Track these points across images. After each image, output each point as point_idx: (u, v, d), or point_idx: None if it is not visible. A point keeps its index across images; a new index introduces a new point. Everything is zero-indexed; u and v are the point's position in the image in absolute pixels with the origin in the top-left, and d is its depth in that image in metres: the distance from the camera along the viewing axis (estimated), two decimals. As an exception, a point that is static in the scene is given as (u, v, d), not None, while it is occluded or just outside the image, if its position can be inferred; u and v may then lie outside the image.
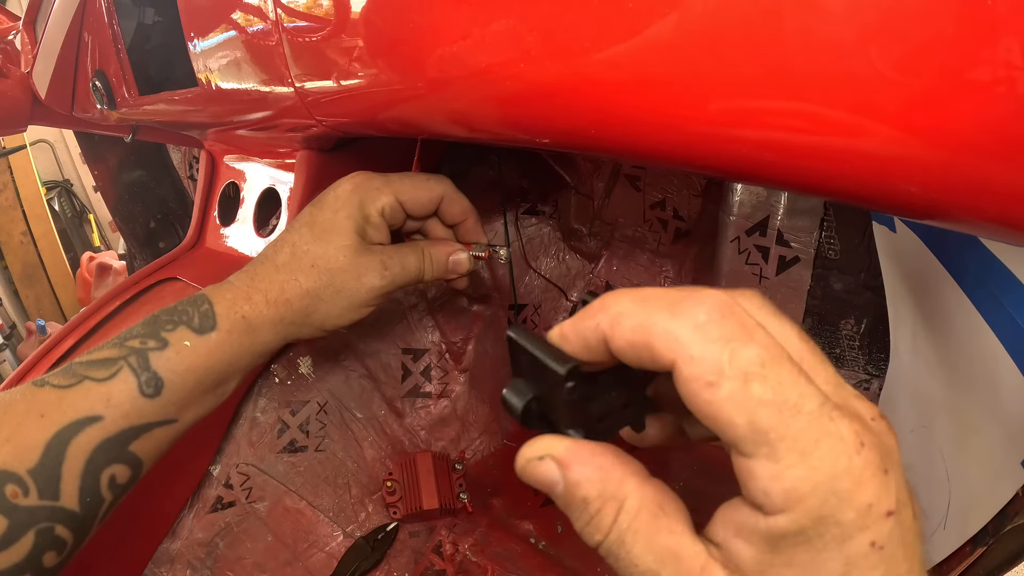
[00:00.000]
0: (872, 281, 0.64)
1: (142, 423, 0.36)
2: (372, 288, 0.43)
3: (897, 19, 0.19)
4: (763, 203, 0.68)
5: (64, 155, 3.21)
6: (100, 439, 0.34)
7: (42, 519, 0.32)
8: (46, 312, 2.88)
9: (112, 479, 0.35)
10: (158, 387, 0.36)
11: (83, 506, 0.34)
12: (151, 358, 0.37)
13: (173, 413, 0.38)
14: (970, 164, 0.20)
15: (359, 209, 0.43)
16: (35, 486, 0.32)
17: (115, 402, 0.35)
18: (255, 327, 0.40)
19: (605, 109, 0.28)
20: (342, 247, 0.42)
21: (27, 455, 0.32)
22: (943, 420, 0.50)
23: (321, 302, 0.41)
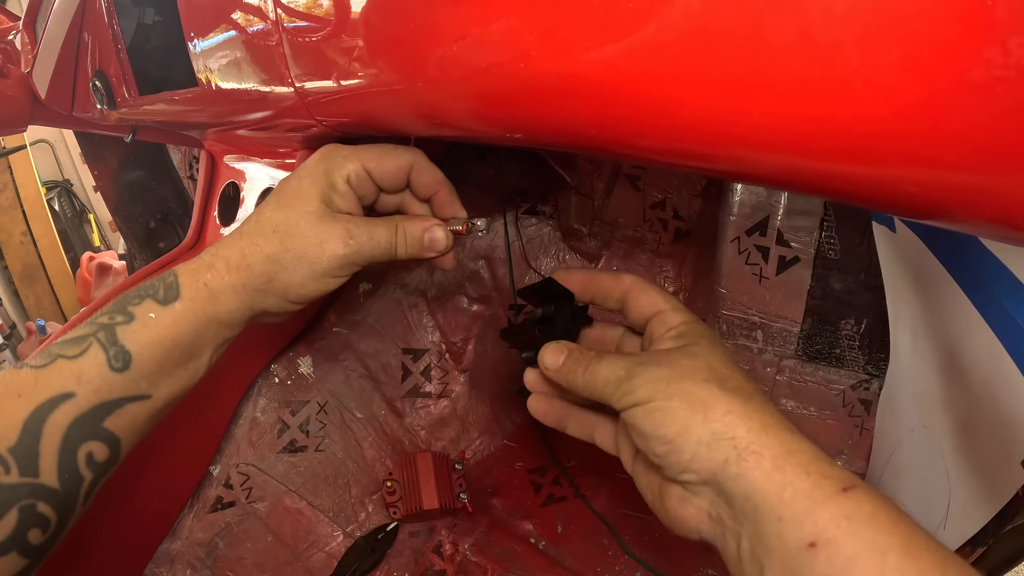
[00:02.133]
0: (872, 281, 0.64)
1: (113, 398, 0.36)
2: (334, 256, 0.41)
3: (897, 19, 0.19)
4: (763, 203, 0.68)
5: (64, 155, 3.21)
6: (74, 415, 0.35)
7: (24, 496, 0.33)
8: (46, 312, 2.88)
9: (89, 456, 0.35)
10: (126, 361, 0.36)
11: (63, 483, 0.34)
12: (118, 332, 0.37)
13: (145, 388, 0.37)
14: (970, 164, 0.20)
15: (324, 176, 0.43)
16: (15, 464, 0.33)
17: (86, 378, 0.35)
18: (217, 294, 0.40)
19: (605, 109, 0.28)
20: (304, 212, 0.41)
21: (6, 434, 0.33)
22: (943, 420, 0.50)
23: (282, 268, 0.40)
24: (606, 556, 0.68)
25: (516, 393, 0.47)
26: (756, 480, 0.29)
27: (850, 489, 0.27)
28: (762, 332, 0.74)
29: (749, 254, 0.70)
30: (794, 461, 0.28)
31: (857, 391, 0.69)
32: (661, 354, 0.36)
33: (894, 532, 0.25)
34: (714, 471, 0.30)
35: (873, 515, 0.26)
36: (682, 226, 0.82)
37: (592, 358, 0.38)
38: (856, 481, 0.27)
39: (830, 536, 0.25)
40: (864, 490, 0.27)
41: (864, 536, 0.25)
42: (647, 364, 0.35)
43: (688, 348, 0.36)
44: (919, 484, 0.52)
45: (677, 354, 0.35)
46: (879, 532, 0.25)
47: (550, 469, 0.79)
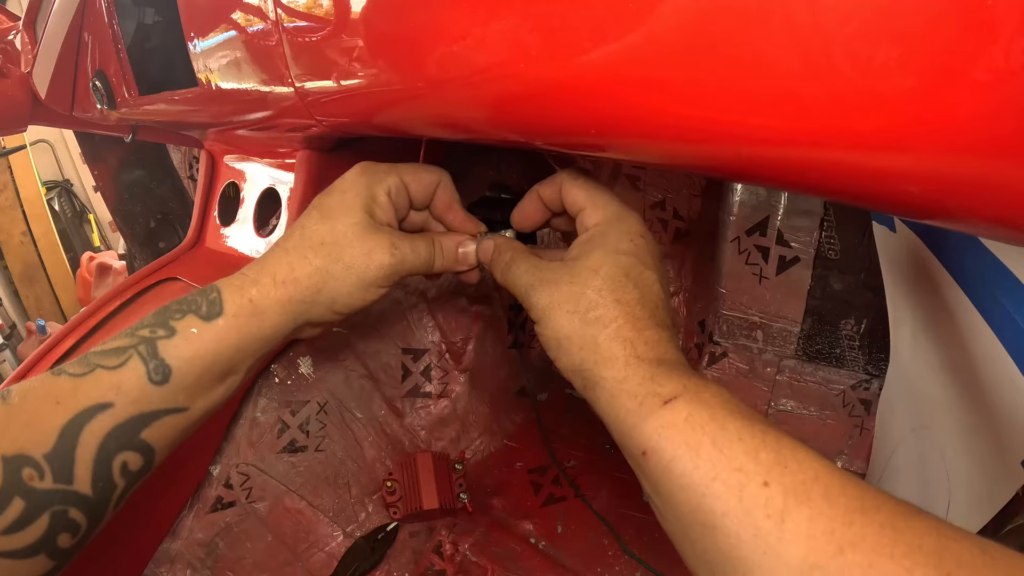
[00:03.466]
0: (872, 281, 0.64)
1: (151, 410, 0.37)
2: (382, 265, 0.42)
3: (897, 18, 0.19)
4: (763, 203, 0.68)
5: (64, 155, 3.21)
6: (111, 426, 0.35)
7: (56, 502, 0.34)
8: (46, 312, 2.88)
9: (124, 466, 0.36)
10: (166, 374, 0.37)
11: (96, 491, 0.35)
12: (159, 346, 0.37)
13: (182, 401, 0.38)
14: (970, 164, 0.20)
15: (367, 189, 0.44)
16: (50, 470, 0.33)
17: (125, 389, 0.36)
18: (262, 309, 0.40)
19: (605, 109, 0.28)
20: (351, 224, 0.42)
21: (43, 440, 0.34)
22: (943, 420, 0.50)
23: (331, 278, 0.41)
24: (606, 556, 0.68)
25: (516, 393, 0.47)
26: (601, 407, 0.34)
27: (671, 401, 0.30)
28: (762, 332, 0.74)
29: (749, 254, 0.70)
30: (626, 387, 0.32)
31: (857, 391, 0.69)
32: (559, 270, 0.38)
33: (705, 431, 0.29)
34: (585, 394, 0.35)
35: (687, 419, 0.29)
36: (682, 226, 0.82)
37: (508, 260, 0.41)
38: (679, 391, 0.31)
39: (654, 445, 0.30)
40: (684, 399, 0.30)
41: (679, 439, 0.29)
42: (545, 283, 0.38)
43: (576, 266, 0.37)
44: (919, 484, 0.52)
45: (565, 274, 0.37)
46: (692, 433, 0.29)
47: (550, 469, 0.79)
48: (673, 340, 0.35)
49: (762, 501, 0.26)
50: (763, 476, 0.27)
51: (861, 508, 0.25)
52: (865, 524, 0.24)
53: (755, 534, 0.26)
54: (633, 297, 0.35)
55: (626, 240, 0.38)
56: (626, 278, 0.36)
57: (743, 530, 0.26)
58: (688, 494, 0.28)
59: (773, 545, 0.25)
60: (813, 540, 0.25)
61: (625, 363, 0.33)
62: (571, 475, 0.77)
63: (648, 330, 0.34)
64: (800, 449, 0.28)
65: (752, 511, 0.26)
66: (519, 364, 0.86)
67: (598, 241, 0.38)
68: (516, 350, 0.86)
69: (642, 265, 0.37)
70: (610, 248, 0.37)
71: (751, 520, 0.26)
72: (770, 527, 0.25)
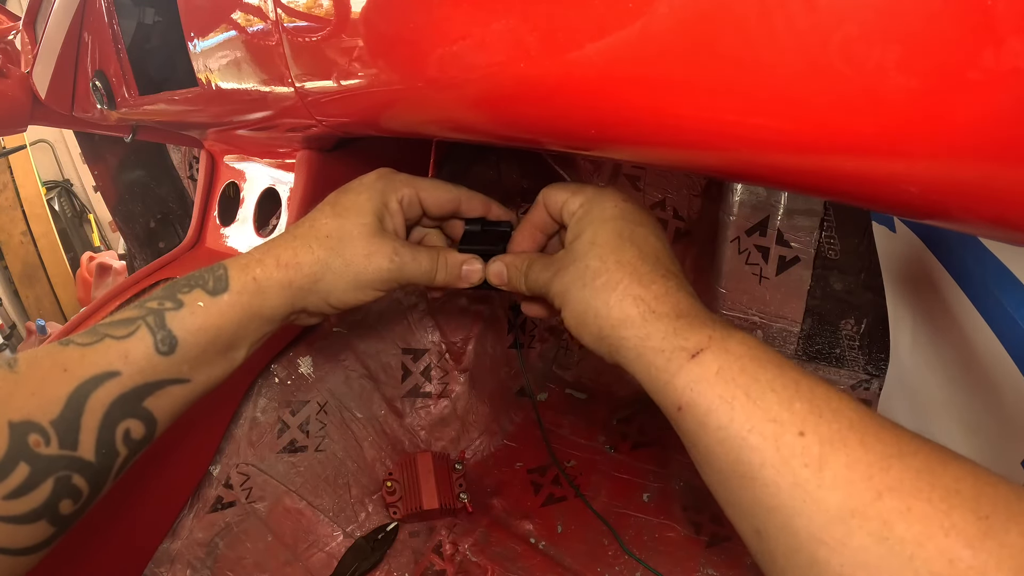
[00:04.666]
0: (872, 281, 0.64)
1: (156, 379, 0.38)
2: (380, 269, 0.43)
3: (897, 19, 0.19)
4: (763, 203, 0.68)
5: (64, 155, 3.21)
6: (117, 393, 0.36)
7: (61, 468, 0.34)
8: (46, 312, 2.88)
9: (127, 433, 0.37)
10: (172, 345, 0.38)
11: (99, 457, 0.36)
12: (167, 318, 0.39)
13: (186, 372, 0.39)
14: (970, 164, 0.20)
15: (381, 195, 0.46)
16: (56, 436, 0.34)
17: (132, 358, 0.37)
18: (264, 289, 0.42)
19: (604, 109, 0.28)
20: (359, 224, 0.44)
21: (50, 407, 0.34)
22: (943, 420, 0.50)
23: (330, 271, 0.43)
24: (606, 556, 0.68)
25: (516, 393, 0.47)
26: (632, 366, 0.34)
27: (698, 354, 0.31)
28: (762, 332, 0.74)
29: (749, 254, 0.70)
30: (650, 344, 0.33)
31: (857, 391, 0.69)
32: (564, 257, 0.40)
33: (738, 383, 0.29)
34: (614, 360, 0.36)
35: (718, 372, 0.30)
36: (682, 226, 0.82)
37: (525, 269, 0.43)
38: (705, 343, 0.31)
39: (687, 399, 0.30)
40: (712, 351, 0.31)
41: (712, 393, 0.29)
42: (556, 272, 0.40)
43: (574, 246, 0.39)
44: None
45: (568, 256, 0.39)
46: (725, 386, 0.29)
47: (550, 469, 0.79)
48: (684, 287, 0.35)
49: (799, 450, 0.26)
50: (799, 426, 0.27)
51: (898, 453, 0.25)
52: (903, 469, 0.25)
53: (794, 482, 0.26)
54: (632, 255, 0.36)
55: (610, 207, 0.39)
56: (620, 239, 0.37)
57: (782, 479, 0.26)
58: (726, 447, 0.29)
59: (812, 492, 0.26)
60: (851, 486, 0.25)
61: (643, 320, 0.34)
62: (571, 475, 0.77)
63: (655, 283, 0.35)
64: (835, 396, 0.28)
65: (790, 460, 0.26)
66: (519, 364, 0.86)
67: (586, 218, 0.39)
68: (516, 350, 0.86)
69: (632, 223, 0.38)
70: (597, 218, 0.39)
71: (789, 469, 0.26)
72: (808, 475, 0.26)
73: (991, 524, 0.23)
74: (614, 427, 0.82)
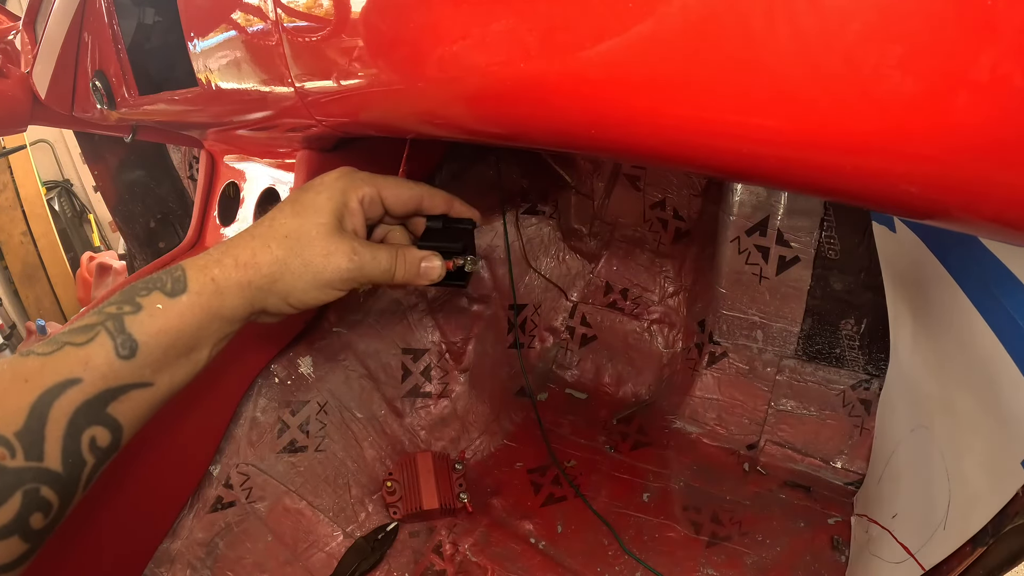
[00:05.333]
0: (872, 281, 0.64)
1: (119, 384, 0.37)
2: (338, 269, 0.43)
3: (897, 20, 0.19)
4: (763, 203, 0.68)
5: (64, 155, 3.21)
6: (80, 401, 0.36)
7: (28, 480, 0.34)
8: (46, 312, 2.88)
9: (93, 441, 0.36)
10: (133, 349, 0.38)
11: (66, 467, 0.35)
12: (126, 322, 0.38)
13: (148, 376, 0.39)
14: (969, 164, 0.20)
15: (341, 194, 0.45)
16: (21, 448, 0.34)
17: (93, 364, 0.36)
18: (223, 289, 0.41)
19: (605, 109, 0.28)
20: (317, 223, 0.44)
21: (13, 418, 0.34)
22: (943, 420, 0.50)
23: (288, 271, 0.43)
24: (606, 556, 0.68)
25: (516, 393, 0.47)
26: None
27: None
28: (762, 332, 0.74)
29: (749, 254, 0.70)
30: None
31: (857, 391, 0.69)
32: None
33: None
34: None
35: None
36: (682, 226, 0.82)
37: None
38: None
39: None
40: None
41: None
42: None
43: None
44: (919, 484, 0.52)
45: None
46: None
47: (550, 469, 0.79)
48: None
49: None
50: None
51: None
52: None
53: None
54: None
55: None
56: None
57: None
58: None
59: None
60: None
61: None
62: (571, 475, 0.77)
63: None
64: None
65: None
66: (519, 364, 0.86)
67: None
68: (516, 350, 0.86)
69: None
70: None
71: None
72: None
73: None
74: (614, 427, 0.82)
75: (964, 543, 0.43)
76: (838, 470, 0.69)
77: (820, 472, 0.70)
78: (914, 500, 0.52)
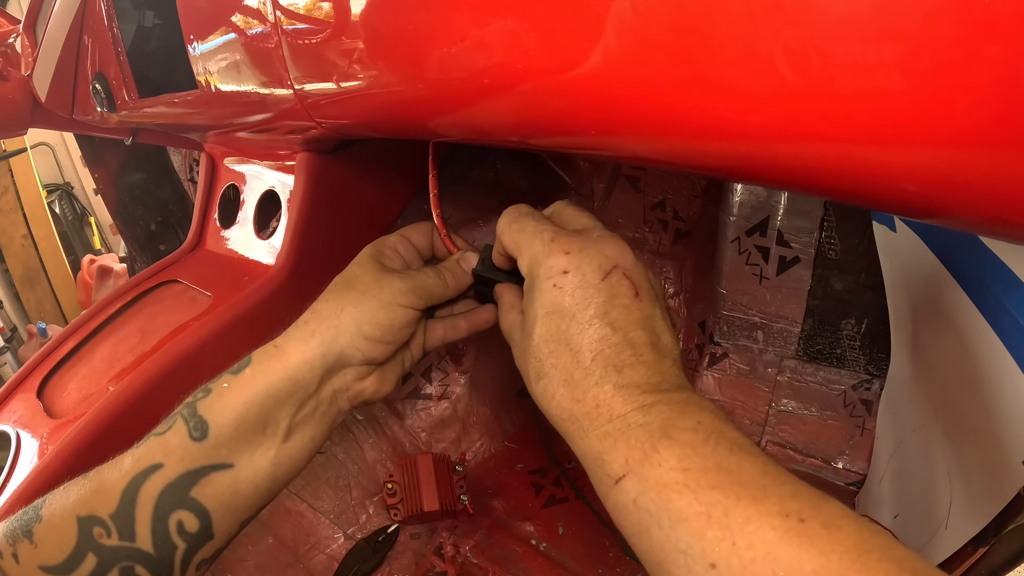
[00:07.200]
0: (872, 281, 0.63)
1: (196, 467, 0.39)
2: (393, 287, 0.43)
3: (896, 18, 0.19)
4: (763, 203, 0.68)
5: (65, 158, 3.21)
6: (163, 485, 0.38)
7: (123, 558, 0.37)
8: (47, 315, 2.88)
9: (180, 525, 0.38)
10: (204, 430, 0.39)
11: (157, 549, 0.38)
12: (198, 406, 0.40)
13: (224, 456, 0.40)
14: (969, 163, 0.20)
15: (372, 248, 0.46)
16: (115, 528, 0.37)
17: (171, 449, 0.39)
18: (284, 350, 0.41)
19: (604, 109, 0.28)
20: (364, 271, 0.44)
21: (108, 502, 0.37)
22: (944, 419, 0.50)
23: (349, 304, 0.42)
24: (607, 557, 0.68)
25: (517, 395, 0.47)
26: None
27: (619, 481, 0.31)
28: (763, 332, 0.73)
29: (749, 254, 0.70)
30: (586, 462, 0.34)
31: (858, 391, 0.69)
32: (519, 329, 0.39)
33: (651, 514, 0.29)
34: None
35: (635, 502, 0.30)
36: (682, 227, 0.82)
37: (501, 307, 0.43)
38: (624, 470, 0.31)
39: (616, 519, 0.32)
40: (630, 479, 0.30)
41: (630, 521, 0.30)
42: (514, 344, 0.40)
43: (524, 327, 0.38)
44: (920, 484, 0.52)
45: (519, 334, 0.39)
46: (640, 516, 0.30)
47: (551, 470, 0.79)
48: (622, 387, 0.33)
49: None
50: (709, 558, 0.27)
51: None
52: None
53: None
54: (565, 359, 0.34)
55: (547, 288, 0.35)
56: (556, 343, 0.35)
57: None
58: (650, 568, 0.30)
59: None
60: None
61: (579, 438, 0.34)
62: (572, 476, 0.77)
63: (587, 395, 0.33)
64: (754, 517, 0.27)
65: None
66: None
67: (528, 296, 0.37)
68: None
69: (565, 316, 0.35)
70: (536, 305, 0.36)
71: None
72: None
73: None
74: (615, 428, 0.82)
75: (966, 543, 0.43)
76: (839, 470, 0.69)
77: (821, 472, 0.70)
78: (915, 500, 0.52)
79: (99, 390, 0.61)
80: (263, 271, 0.66)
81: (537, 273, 0.36)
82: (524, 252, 0.38)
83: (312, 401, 0.42)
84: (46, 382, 0.68)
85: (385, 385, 0.45)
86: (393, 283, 0.43)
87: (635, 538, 0.30)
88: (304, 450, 0.42)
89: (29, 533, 0.37)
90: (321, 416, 0.42)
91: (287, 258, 0.64)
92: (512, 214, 0.40)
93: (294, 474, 0.43)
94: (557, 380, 0.35)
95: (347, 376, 0.43)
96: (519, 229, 0.39)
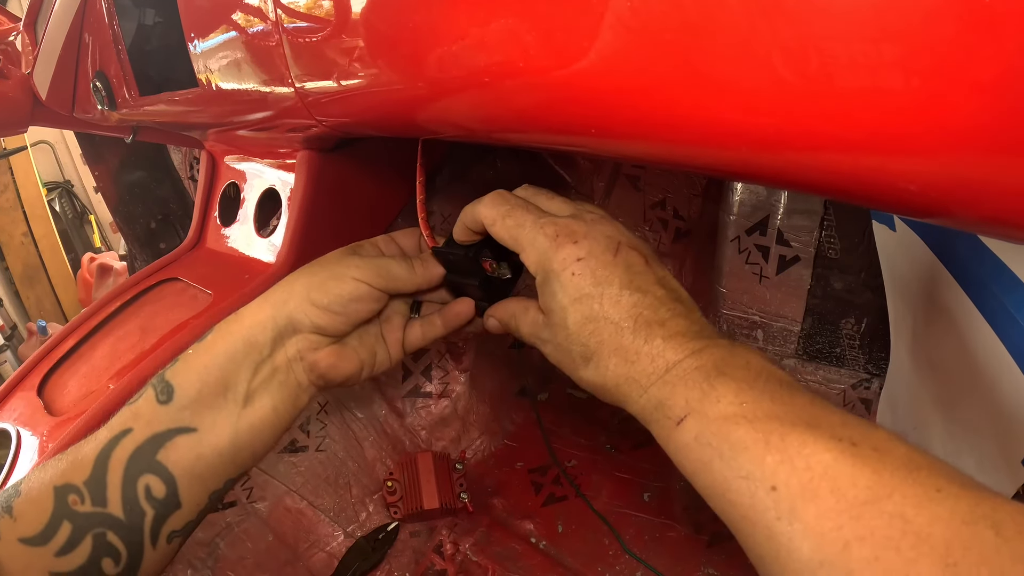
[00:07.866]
0: (872, 280, 0.64)
1: (162, 429, 0.40)
2: (350, 262, 0.44)
3: (897, 18, 0.19)
4: (763, 202, 0.68)
5: (65, 156, 3.21)
6: (132, 448, 0.39)
7: (96, 524, 0.38)
8: (47, 313, 2.88)
9: (148, 490, 0.39)
10: (169, 393, 0.41)
11: (127, 514, 0.39)
12: (166, 373, 0.42)
13: (188, 419, 0.41)
14: (969, 162, 0.20)
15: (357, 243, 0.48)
16: (88, 493, 0.38)
17: (139, 413, 0.41)
18: (240, 314, 0.43)
19: (604, 109, 0.28)
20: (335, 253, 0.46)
21: (82, 469, 0.39)
22: (943, 419, 0.50)
23: (303, 274, 0.44)
24: (607, 556, 0.68)
25: (516, 393, 0.47)
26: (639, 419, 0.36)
27: (681, 422, 0.32)
28: (762, 331, 0.74)
29: (749, 253, 0.70)
30: (646, 416, 0.35)
31: (858, 390, 0.69)
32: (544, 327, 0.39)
33: (712, 447, 0.30)
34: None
35: (696, 438, 0.31)
36: (682, 226, 0.82)
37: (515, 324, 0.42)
38: (685, 411, 0.32)
39: (678, 461, 0.33)
40: (692, 418, 0.32)
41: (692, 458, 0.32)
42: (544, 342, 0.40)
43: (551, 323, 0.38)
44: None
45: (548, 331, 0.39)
46: (702, 451, 0.31)
47: (551, 469, 0.79)
48: (669, 338, 0.34)
49: (771, 504, 0.27)
50: (770, 480, 0.28)
51: (872, 498, 0.25)
52: (874, 516, 0.25)
53: (768, 536, 0.27)
54: (608, 332, 0.35)
55: (567, 278, 0.36)
56: (594, 322, 0.36)
57: (758, 532, 0.28)
58: (712, 501, 0.31)
59: (785, 544, 0.26)
60: (821, 537, 0.25)
61: (638, 396, 0.35)
62: (572, 475, 0.77)
63: (641, 349, 0.34)
64: (810, 441, 0.28)
65: (764, 514, 0.27)
66: (519, 364, 0.86)
67: (547, 290, 0.37)
68: (516, 350, 0.86)
69: (594, 297, 0.36)
70: (560, 298, 0.36)
71: (764, 522, 0.27)
72: (781, 528, 0.27)
73: (958, 572, 0.22)
74: (615, 427, 0.82)
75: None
76: (839, 469, 0.69)
77: (821, 471, 0.70)
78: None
79: (99, 388, 0.61)
80: (263, 269, 0.66)
81: (551, 268, 0.37)
82: (529, 249, 0.38)
83: (267, 365, 0.42)
84: (46, 380, 0.68)
85: (344, 362, 0.44)
86: (352, 260, 0.44)
87: (697, 475, 0.31)
88: (265, 421, 0.42)
89: (9, 508, 0.38)
90: (280, 385, 0.43)
91: (287, 256, 0.64)
92: (500, 206, 0.40)
93: (258, 447, 0.43)
94: (607, 353, 0.35)
95: (300, 343, 0.43)
96: (517, 224, 0.39)
